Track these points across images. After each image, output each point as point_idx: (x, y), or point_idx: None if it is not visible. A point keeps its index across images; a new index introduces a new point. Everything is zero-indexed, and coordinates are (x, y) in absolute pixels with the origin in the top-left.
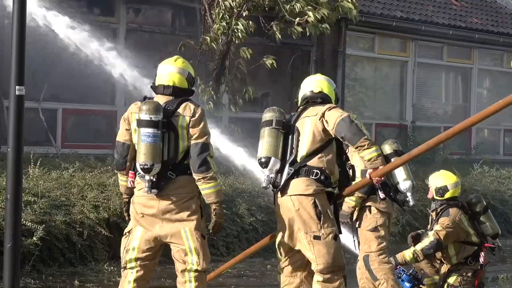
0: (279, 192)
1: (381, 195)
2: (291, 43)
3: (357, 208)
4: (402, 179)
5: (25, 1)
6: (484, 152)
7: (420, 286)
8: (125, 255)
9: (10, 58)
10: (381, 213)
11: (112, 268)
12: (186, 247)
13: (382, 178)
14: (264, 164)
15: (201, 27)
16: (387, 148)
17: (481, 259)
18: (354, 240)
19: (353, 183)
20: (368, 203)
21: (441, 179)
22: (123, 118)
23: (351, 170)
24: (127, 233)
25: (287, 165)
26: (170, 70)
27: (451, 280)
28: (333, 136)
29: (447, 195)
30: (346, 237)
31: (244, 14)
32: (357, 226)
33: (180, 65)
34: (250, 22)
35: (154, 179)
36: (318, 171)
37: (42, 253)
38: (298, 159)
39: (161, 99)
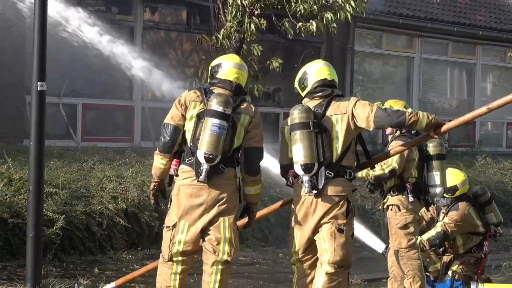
0: (312, 194)
1: (410, 198)
2: (301, 40)
3: (386, 205)
4: (436, 184)
5: (46, 1)
6: (488, 145)
7: (426, 273)
8: (171, 247)
9: (32, 55)
10: (409, 212)
11: (130, 256)
12: (221, 236)
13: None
14: (308, 170)
15: (215, 24)
16: (432, 149)
17: (485, 248)
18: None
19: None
20: (397, 203)
21: (451, 179)
22: (179, 103)
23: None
24: (170, 227)
25: (323, 168)
26: (238, 68)
27: (454, 267)
28: (371, 130)
29: (457, 194)
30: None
31: (256, 13)
32: (387, 221)
33: (244, 64)
34: (262, 19)
35: (208, 169)
36: (350, 171)
37: (63, 242)
38: (334, 160)
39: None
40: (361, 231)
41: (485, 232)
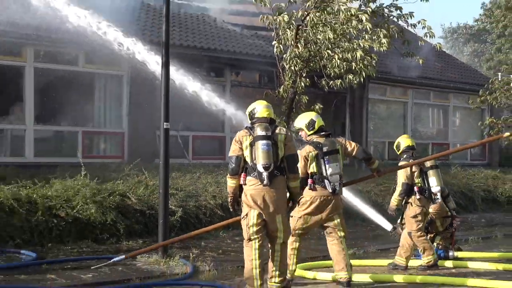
0: (332, 194)
1: (418, 195)
2: (333, 92)
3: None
4: (435, 184)
5: (169, 68)
6: (458, 158)
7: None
8: (248, 230)
9: (160, 105)
10: (417, 206)
11: (224, 234)
12: (278, 227)
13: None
14: (341, 179)
15: (277, 83)
16: (427, 162)
17: (455, 225)
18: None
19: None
20: (410, 200)
21: None
22: (236, 140)
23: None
24: (244, 216)
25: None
26: (268, 108)
27: (437, 241)
28: (351, 157)
29: None
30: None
31: (304, 75)
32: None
33: (270, 105)
34: (307, 79)
35: (268, 175)
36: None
37: (181, 225)
38: (340, 174)
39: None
40: (376, 217)
41: (451, 215)
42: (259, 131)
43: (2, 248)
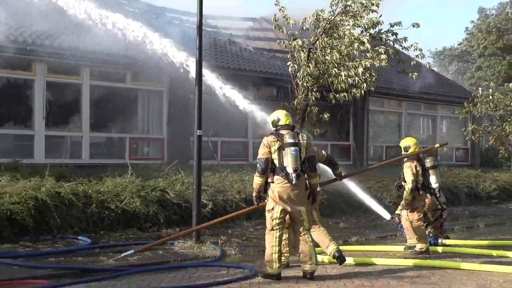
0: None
1: (421, 192)
2: (339, 104)
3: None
4: (434, 182)
5: (201, 85)
6: (445, 160)
7: None
8: (272, 222)
9: (194, 114)
10: (420, 200)
11: (247, 224)
12: (303, 217)
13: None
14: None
15: (291, 96)
16: (428, 163)
17: (444, 216)
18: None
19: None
20: (414, 195)
21: None
22: (264, 145)
23: None
24: (270, 210)
25: None
26: (288, 116)
27: (428, 229)
28: (322, 162)
29: None
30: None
31: (314, 90)
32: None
33: (289, 114)
34: (317, 93)
35: (295, 176)
36: None
37: (212, 216)
38: None
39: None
40: (377, 208)
41: (441, 208)
42: (288, 139)
43: (63, 234)
